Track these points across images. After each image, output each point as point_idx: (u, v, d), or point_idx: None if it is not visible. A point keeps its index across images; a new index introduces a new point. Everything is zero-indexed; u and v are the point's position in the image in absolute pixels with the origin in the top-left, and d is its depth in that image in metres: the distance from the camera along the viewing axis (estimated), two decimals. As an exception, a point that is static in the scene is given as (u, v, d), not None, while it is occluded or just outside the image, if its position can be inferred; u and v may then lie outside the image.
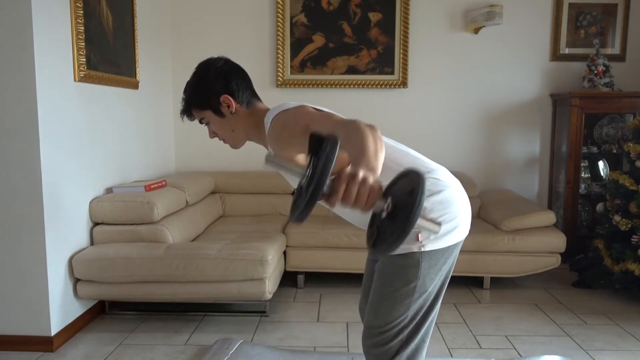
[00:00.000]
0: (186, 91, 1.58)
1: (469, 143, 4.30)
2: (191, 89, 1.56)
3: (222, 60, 1.57)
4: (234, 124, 1.56)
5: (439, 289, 1.47)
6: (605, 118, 4.19)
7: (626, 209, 3.30)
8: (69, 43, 2.71)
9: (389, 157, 1.41)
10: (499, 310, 3.18)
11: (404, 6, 4.13)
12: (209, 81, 1.53)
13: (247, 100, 1.55)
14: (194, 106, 1.57)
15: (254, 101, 1.57)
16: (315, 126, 1.29)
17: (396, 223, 0.93)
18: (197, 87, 1.55)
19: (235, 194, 4.08)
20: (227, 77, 1.53)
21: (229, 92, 1.53)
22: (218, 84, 1.52)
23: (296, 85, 4.22)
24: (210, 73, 1.53)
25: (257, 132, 1.57)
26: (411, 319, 1.43)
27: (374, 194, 0.95)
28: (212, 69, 1.54)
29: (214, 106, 1.54)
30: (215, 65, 1.55)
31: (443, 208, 1.42)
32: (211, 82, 1.53)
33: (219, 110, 1.54)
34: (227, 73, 1.54)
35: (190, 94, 1.56)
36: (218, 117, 1.55)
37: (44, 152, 2.51)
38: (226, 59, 1.58)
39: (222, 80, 1.53)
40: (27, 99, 2.45)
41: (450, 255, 1.46)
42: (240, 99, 1.54)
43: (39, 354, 2.58)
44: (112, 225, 2.97)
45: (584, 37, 4.22)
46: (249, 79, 1.59)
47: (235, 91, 1.53)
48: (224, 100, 1.52)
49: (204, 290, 2.83)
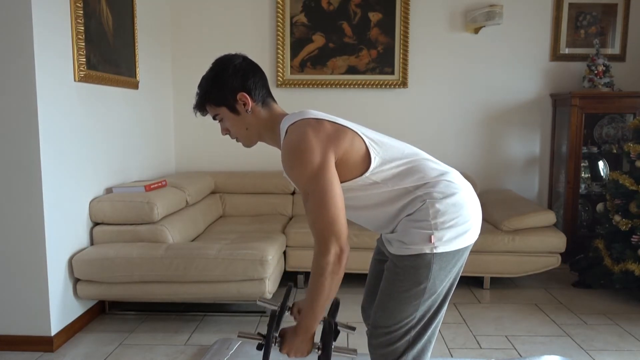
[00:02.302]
0: (201, 86, 1.54)
1: (469, 143, 4.31)
2: (207, 84, 1.52)
3: (241, 58, 1.54)
4: (248, 122, 1.53)
5: (447, 291, 1.47)
6: (605, 118, 4.18)
7: (626, 209, 3.30)
8: (69, 43, 2.71)
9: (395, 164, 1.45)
10: (499, 310, 3.18)
11: (404, 6, 4.13)
12: (227, 78, 1.50)
13: (262, 99, 1.53)
14: (209, 102, 1.53)
15: (269, 101, 1.56)
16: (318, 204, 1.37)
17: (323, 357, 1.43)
18: (214, 83, 1.51)
19: (235, 194, 4.08)
20: (245, 74, 1.51)
21: (246, 90, 1.50)
22: (236, 81, 1.50)
23: (296, 85, 4.22)
24: (229, 69, 1.50)
25: (270, 134, 1.55)
26: (419, 319, 1.44)
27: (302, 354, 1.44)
28: (231, 66, 1.51)
29: (230, 103, 1.51)
30: (234, 62, 1.52)
31: (455, 211, 1.42)
32: (229, 79, 1.50)
33: (235, 107, 1.51)
34: (245, 71, 1.51)
35: (207, 89, 1.52)
36: (233, 115, 1.52)
37: (44, 152, 2.51)
38: (244, 56, 1.56)
39: (240, 78, 1.50)
40: (27, 99, 2.45)
41: (460, 258, 1.46)
42: (257, 98, 1.52)
43: (39, 354, 2.58)
44: (112, 225, 2.97)
45: (584, 37, 4.22)
46: (265, 78, 1.57)
47: (252, 89, 1.51)
48: (241, 97, 1.50)
49: (204, 290, 2.83)
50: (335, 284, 1.37)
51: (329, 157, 1.38)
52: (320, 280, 1.35)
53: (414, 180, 1.44)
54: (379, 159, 1.44)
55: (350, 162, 1.43)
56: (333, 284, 1.36)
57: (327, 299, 1.38)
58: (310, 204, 1.37)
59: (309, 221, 1.38)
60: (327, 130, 1.42)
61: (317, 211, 1.36)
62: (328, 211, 1.34)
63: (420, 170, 1.46)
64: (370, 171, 1.43)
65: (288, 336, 1.44)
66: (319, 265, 1.35)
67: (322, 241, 1.35)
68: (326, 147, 1.39)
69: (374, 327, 1.49)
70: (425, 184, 1.44)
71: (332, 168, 1.38)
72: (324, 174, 1.36)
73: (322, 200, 1.35)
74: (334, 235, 1.34)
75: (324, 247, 1.34)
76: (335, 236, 1.34)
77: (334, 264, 1.34)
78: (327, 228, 1.34)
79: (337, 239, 1.34)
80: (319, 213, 1.35)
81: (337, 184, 1.38)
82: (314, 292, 1.37)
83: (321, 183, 1.36)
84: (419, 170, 1.46)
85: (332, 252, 1.34)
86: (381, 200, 1.47)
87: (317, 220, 1.36)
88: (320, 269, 1.35)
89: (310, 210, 1.38)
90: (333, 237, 1.34)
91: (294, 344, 1.42)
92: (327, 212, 1.34)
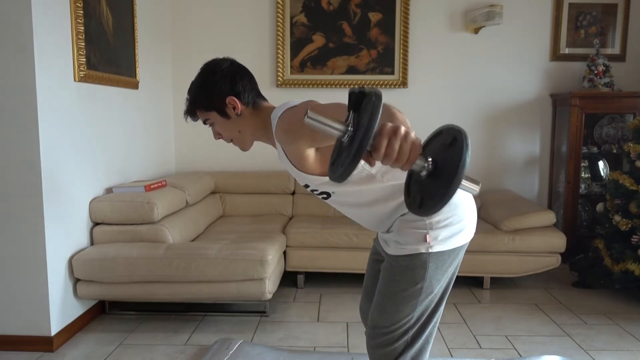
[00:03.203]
0: (190, 91, 1.55)
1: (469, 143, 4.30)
2: (196, 90, 1.53)
3: (228, 62, 1.54)
4: (239, 125, 1.53)
5: (444, 290, 1.47)
6: (605, 118, 4.18)
7: (626, 209, 3.30)
8: (69, 43, 2.71)
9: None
10: (499, 310, 3.18)
11: (404, 6, 4.13)
12: (215, 82, 1.50)
13: (252, 101, 1.53)
14: (199, 107, 1.54)
15: (259, 101, 1.55)
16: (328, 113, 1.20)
17: (442, 179, 0.89)
18: (202, 88, 1.52)
19: (235, 194, 4.08)
20: (233, 78, 1.50)
21: (234, 94, 1.50)
22: (224, 86, 1.50)
23: (296, 85, 4.21)
24: (217, 74, 1.51)
25: (264, 132, 1.55)
26: (417, 319, 1.44)
27: (415, 150, 0.91)
28: (219, 70, 1.51)
29: (219, 107, 1.51)
30: (222, 67, 1.52)
31: (450, 210, 1.42)
32: (217, 84, 1.50)
33: (225, 111, 1.51)
34: (233, 75, 1.51)
35: (195, 94, 1.53)
36: (223, 119, 1.53)
37: (44, 152, 2.51)
38: (232, 59, 1.56)
39: (228, 82, 1.50)
40: (27, 99, 2.45)
41: (456, 257, 1.46)
42: (246, 101, 1.51)
43: (39, 354, 2.58)
44: (112, 225, 2.97)
45: (584, 37, 4.22)
46: (254, 80, 1.57)
47: (241, 93, 1.50)
48: (230, 102, 1.50)
49: (204, 290, 2.83)
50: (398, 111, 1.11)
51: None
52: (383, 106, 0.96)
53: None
54: None
55: None
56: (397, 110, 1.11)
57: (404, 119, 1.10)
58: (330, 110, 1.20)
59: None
60: (316, 102, 1.36)
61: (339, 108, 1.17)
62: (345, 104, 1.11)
63: None
64: None
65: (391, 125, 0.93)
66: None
67: None
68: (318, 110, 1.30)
69: (372, 328, 1.49)
70: None
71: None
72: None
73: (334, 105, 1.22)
74: None
75: None
76: None
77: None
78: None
79: None
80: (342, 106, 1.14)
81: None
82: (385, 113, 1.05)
83: (322, 106, 1.26)
84: None
85: None
86: (376, 198, 1.46)
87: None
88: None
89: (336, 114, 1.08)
90: None
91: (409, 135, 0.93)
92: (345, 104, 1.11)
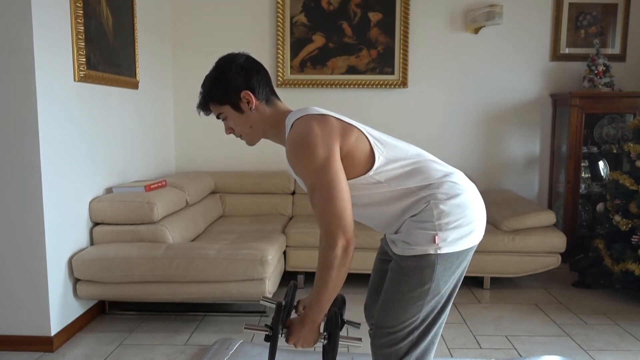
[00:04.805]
0: (205, 85, 1.54)
1: (469, 143, 4.31)
2: (211, 83, 1.53)
3: (244, 57, 1.55)
4: (252, 120, 1.54)
5: (451, 292, 1.47)
6: (605, 118, 4.18)
7: (626, 209, 3.30)
8: (69, 43, 2.71)
9: (399, 164, 1.45)
10: (499, 310, 3.18)
11: (404, 6, 4.13)
12: (231, 76, 1.50)
13: (266, 97, 1.54)
14: (213, 101, 1.54)
15: (273, 99, 1.56)
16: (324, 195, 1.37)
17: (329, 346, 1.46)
18: (217, 82, 1.52)
19: (235, 194, 4.08)
20: (248, 73, 1.51)
21: (249, 88, 1.50)
22: (239, 80, 1.50)
23: (296, 85, 4.21)
24: (232, 68, 1.51)
25: (275, 131, 1.56)
26: (422, 320, 1.44)
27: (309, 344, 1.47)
28: (234, 64, 1.51)
29: (233, 102, 1.51)
30: (237, 61, 1.52)
31: (460, 212, 1.42)
32: (232, 78, 1.50)
33: (239, 106, 1.52)
34: (248, 69, 1.52)
35: (210, 88, 1.53)
36: (237, 113, 1.53)
37: (44, 152, 2.51)
38: (247, 55, 1.56)
39: (243, 76, 1.50)
40: (27, 99, 2.45)
41: (465, 259, 1.46)
42: (260, 96, 1.52)
43: (39, 354, 2.58)
44: (112, 225, 2.97)
45: (584, 37, 4.22)
46: (269, 77, 1.57)
47: (255, 87, 1.51)
48: (245, 96, 1.50)
49: (204, 290, 2.83)
50: (342, 276, 1.37)
51: (335, 150, 1.38)
52: (327, 273, 1.36)
53: (417, 180, 1.44)
54: (383, 158, 1.44)
55: (355, 159, 1.43)
56: (340, 276, 1.37)
57: (334, 291, 1.39)
58: (317, 197, 1.37)
59: (316, 215, 1.38)
60: (333, 124, 1.43)
61: (324, 205, 1.35)
62: (335, 204, 1.34)
63: (424, 171, 1.46)
64: (374, 170, 1.43)
65: (295, 327, 1.46)
66: (327, 259, 1.35)
67: (329, 235, 1.35)
68: (332, 141, 1.38)
69: (377, 327, 1.49)
70: (429, 185, 1.44)
71: (338, 161, 1.38)
72: (330, 167, 1.36)
73: (329, 193, 1.35)
74: (341, 229, 1.34)
75: (331, 241, 1.34)
76: (342, 230, 1.34)
77: (341, 257, 1.34)
78: (334, 222, 1.34)
79: (344, 233, 1.34)
80: (325, 206, 1.35)
81: (343, 177, 1.38)
82: (321, 284, 1.37)
83: (327, 176, 1.35)
84: (423, 171, 1.46)
85: (340, 245, 1.34)
86: (384, 200, 1.47)
87: (324, 213, 1.36)
88: (328, 262, 1.35)
89: (316, 204, 1.37)
90: (340, 230, 1.34)
91: (301, 334, 1.45)
92: (334, 205, 1.34)
